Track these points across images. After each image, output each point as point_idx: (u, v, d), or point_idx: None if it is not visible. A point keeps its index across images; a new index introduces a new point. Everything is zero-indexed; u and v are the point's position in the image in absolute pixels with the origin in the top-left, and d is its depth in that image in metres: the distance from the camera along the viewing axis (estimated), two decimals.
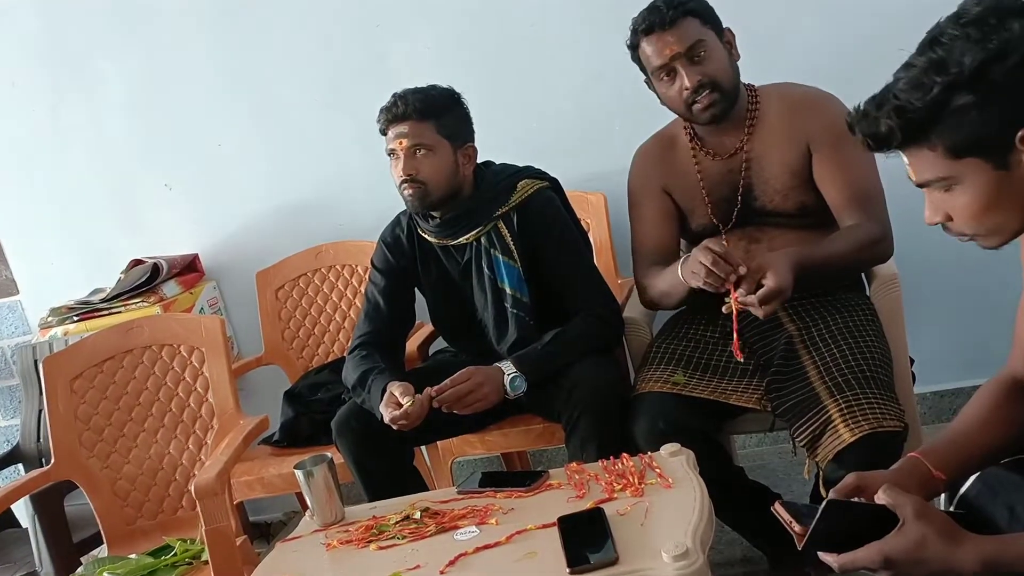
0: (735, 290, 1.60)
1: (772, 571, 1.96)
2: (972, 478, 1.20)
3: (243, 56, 2.71)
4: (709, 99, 1.79)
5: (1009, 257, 2.15)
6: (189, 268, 2.81)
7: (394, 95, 1.92)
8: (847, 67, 2.24)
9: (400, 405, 1.78)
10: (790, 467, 2.48)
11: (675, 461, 1.55)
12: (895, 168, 1.98)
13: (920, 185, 1.05)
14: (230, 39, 2.70)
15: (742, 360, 1.68)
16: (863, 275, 1.95)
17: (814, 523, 1.00)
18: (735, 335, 1.64)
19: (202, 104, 2.76)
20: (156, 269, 2.65)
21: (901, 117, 0.99)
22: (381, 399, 1.84)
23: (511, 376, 1.83)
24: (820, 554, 1.04)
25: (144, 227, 2.89)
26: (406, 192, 1.91)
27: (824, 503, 1.01)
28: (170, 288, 2.70)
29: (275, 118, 2.74)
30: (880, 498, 1.01)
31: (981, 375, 2.41)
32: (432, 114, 1.90)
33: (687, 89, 1.78)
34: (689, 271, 1.68)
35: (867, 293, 1.93)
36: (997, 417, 1.20)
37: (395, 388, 1.80)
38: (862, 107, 1.05)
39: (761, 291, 1.58)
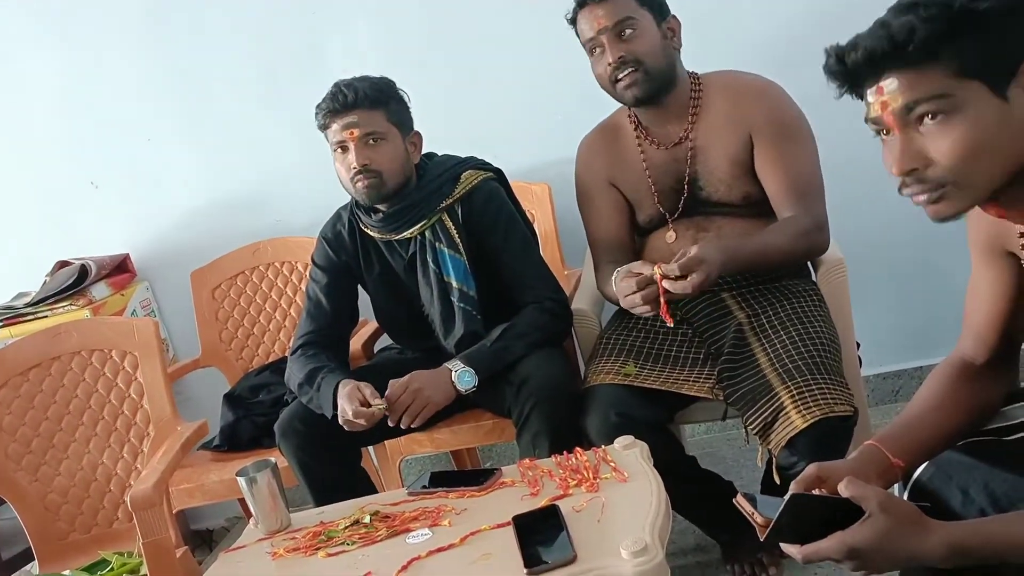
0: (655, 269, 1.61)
1: (725, 559, 1.95)
2: (925, 461, 1.20)
3: (172, 48, 2.61)
4: (632, 78, 1.77)
5: (948, 242, 2.20)
6: (119, 269, 2.70)
7: (336, 85, 1.86)
8: (790, 52, 2.26)
9: (368, 404, 1.73)
10: (740, 454, 2.49)
11: (629, 454, 1.53)
12: (837, 158, 2.02)
13: (905, 109, 0.96)
14: (159, 30, 2.59)
15: (672, 324, 1.64)
16: (809, 261, 1.96)
17: (777, 516, 0.98)
18: (662, 300, 1.60)
19: (129, 98, 2.65)
20: (84, 271, 2.54)
21: (929, 19, 0.92)
22: (333, 398, 1.79)
23: (459, 372, 1.78)
24: (784, 546, 1.03)
25: (70, 227, 2.76)
26: (360, 184, 1.84)
27: (788, 497, 1.00)
28: (99, 290, 2.59)
29: (207, 111, 2.65)
30: (844, 491, 1.00)
31: (923, 357, 2.52)
32: (381, 102, 1.85)
33: (610, 65, 1.76)
34: (626, 303, 1.67)
35: (814, 279, 1.93)
36: (950, 401, 1.20)
37: (365, 388, 1.76)
38: (875, 23, 0.97)
39: (683, 259, 1.57)
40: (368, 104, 1.82)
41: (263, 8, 2.54)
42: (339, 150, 1.85)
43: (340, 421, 1.77)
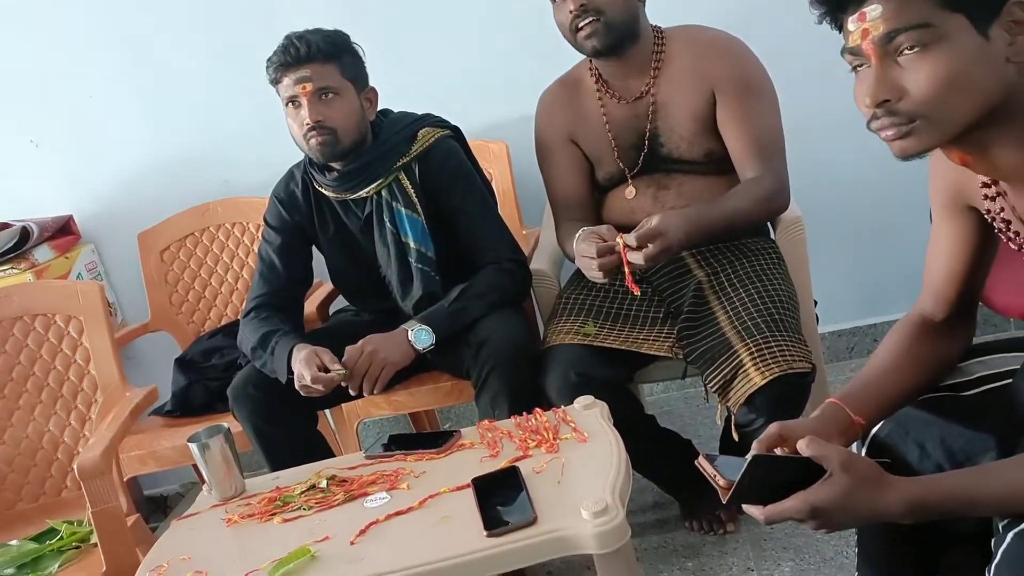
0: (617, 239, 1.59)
1: (683, 516, 1.97)
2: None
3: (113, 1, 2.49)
4: (592, 27, 1.73)
5: (903, 201, 2.23)
6: (63, 231, 2.61)
7: (288, 37, 1.78)
8: (750, 8, 2.25)
9: (327, 370, 1.70)
10: (697, 412, 2.51)
11: (589, 414, 1.52)
12: (795, 116, 2.01)
13: (886, 38, 0.94)
14: None
15: (638, 294, 1.63)
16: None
17: (739, 478, 0.97)
18: (626, 270, 1.59)
19: (67, 52, 2.53)
20: (25, 233, 2.44)
21: None
22: (288, 363, 1.75)
23: (416, 331, 1.75)
24: (746, 507, 1.02)
25: (9, 188, 2.65)
26: (313, 141, 1.78)
27: (749, 458, 0.99)
28: (42, 253, 2.50)
29: (151, 66, 2.54)
30: (804, 450, 0.99)
31: (877, 315, 2.55)
32: (335, 55, 1.78)
33: (571, 12, 1.73)
34: (584, 265, 1.66)
35: (772, 237, 1.93)
36: (910, 358, 1.20)
37: (323, 354, 1.72)
38: None
39: (643, 230, 1.55)
40: (321, 58, 1.75)
41: None
42: (291, 105, 1.79)
43: (296, 386, 1.73)
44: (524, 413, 1.55)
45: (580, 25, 1.73)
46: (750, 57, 1.81)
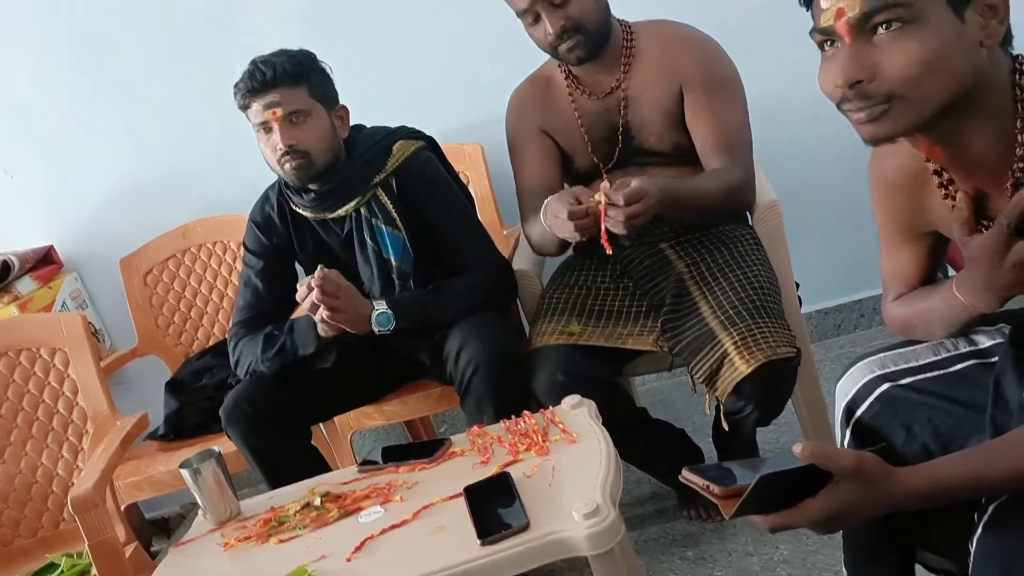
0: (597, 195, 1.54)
1: (681, 505, 1.98)
2: (869, 399, 1.21)
3: (78, 24, 2.48)
4: (574, 41, 1.73)
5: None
6: (44, 261, 2.60)
7: (253, 62, 1.77)
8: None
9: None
10: (691, 399, 2.50)
11: (577, 414, 1.52)
12: (766, 100, 2.01)
13: (864, 17, 0.92)
14: (60, 5, 2.46)
15: (611, 252, 1.58)
16: None
17: (742, 500, 0.93)
18: (603, 229, 1.54)
19: (36, 81, 2.52)
20: (6, 266, 2.43)
21: None
22: (313, 332, 1.77)
23: (379, 312, 1.75)
24: (751, 517, 0.98)
25: None
26: (288, 166, 1.77)
27: (755, 480, 0.92)
28: (25, 285, 2.49)
29: (121, 90, 2.53)
30: (808, 457, 0.94)
31: (861, 290, 2.56)
32: (302, 76, 1.76)
33: (551, 35, 1.72)
34: (556, 225, 1.61)
35: (750, 223, 1.93)
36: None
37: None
38: None
39: (626, 190, 1.52)
40: (288, 80, 1.74)
41: None
42: (262, 131, 1.78)
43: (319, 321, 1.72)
44: (512, 416, 1.55)
45: (563, 42, 1.72)
46: (718, 53, 1.81)
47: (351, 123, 1.90)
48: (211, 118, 2.49)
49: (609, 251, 1.57)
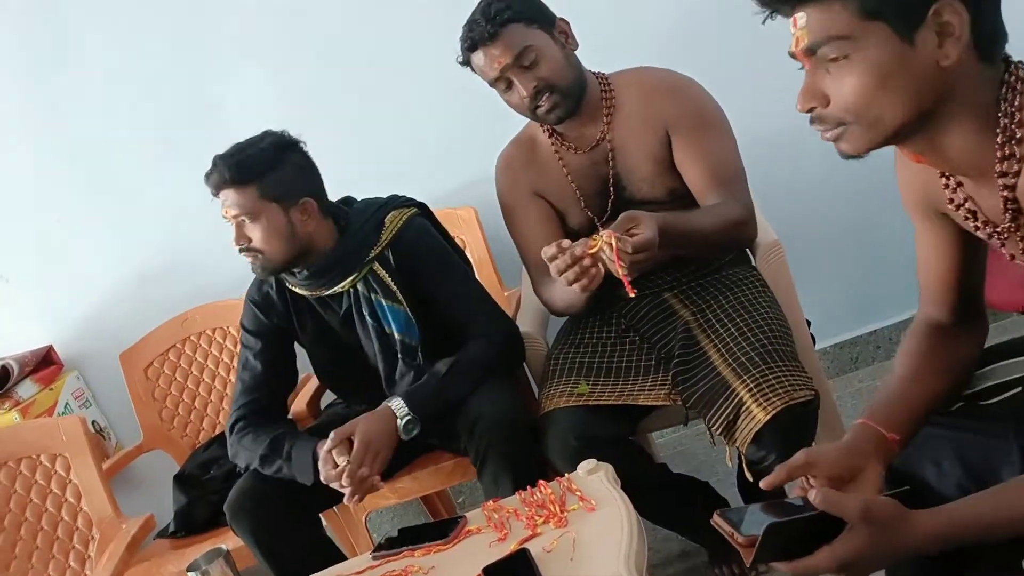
0: (604, 235, 1.43)
1: (712, 563, 1.90)
2: None
3: (64, 121, 2.49)
4: (550, 102, 1.71)
5: (878, 203, 2.20)
6: (44, 362, 2.57)
7: (213, 159, 1.76)
8: (689, 43, 2.24)
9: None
10: (712, 449, 2.44)
11: (594, 479, 1.46)
12: (758, 139, 1.99)
13: (809, 50, 0.95)
14: (52, 105, 2.47)
15: (634, 296, 1.48)
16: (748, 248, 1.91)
17: (756, 549, 0.93)
18: (621, 273, 1.41)
19: (22, 182, 2.52)
20: (5, 372, 2.40)
21: None
22: (313, 464, 1.70)
23: (404, 420, 1.70)
24: (776, 564, 0.98)
25: None
26: (247, 260, 1.78)
27: (764, 529, 0.93)
28: (26, 389, 2.45)
29: (110, 183, 2.53)
30: (819, 504, 0.95)
31: (874, 320, 2.51)
32: (250, 178, 1.72)
33: (526, 98, 1.70)
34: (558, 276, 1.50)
35: (753, 264, 1.89)
36: (927, 367, 1.17)
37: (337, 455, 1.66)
38: None
39: (637, 238, 1.42)
40: (235, 183, 1.72)
41: (151, 72, 2.44)
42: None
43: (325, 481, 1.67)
44: (528, 487, 1.49)
45: (538, 104, 1.71)
46: (700, 92, 1.79)
47: (340, 195, 1.87)
48: (198, 206, 2.45)
49: (632, 294, 1.45)
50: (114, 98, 2.47)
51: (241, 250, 1.75)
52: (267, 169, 1.74)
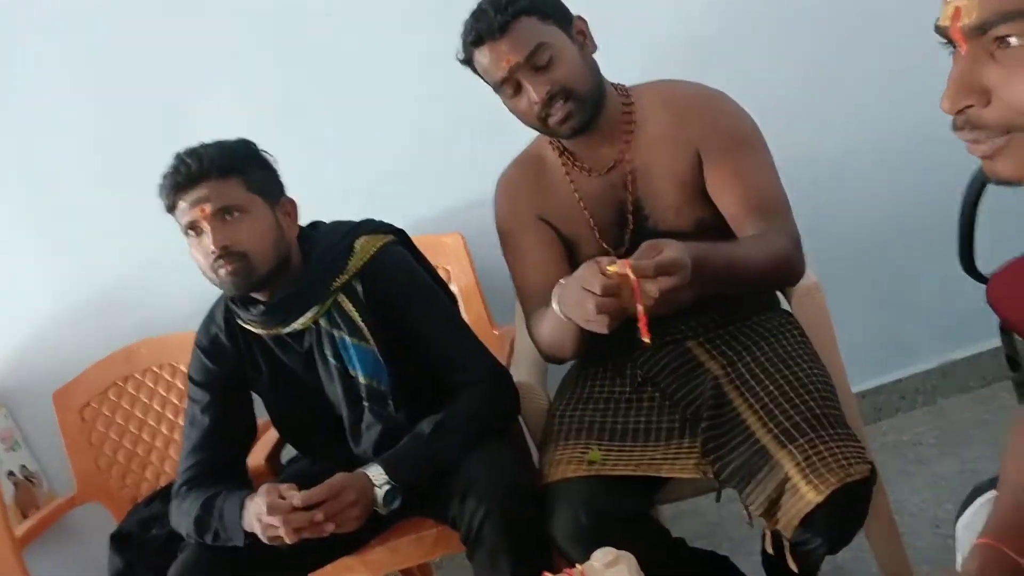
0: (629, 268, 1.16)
1: None
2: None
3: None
4: (564, 110, 1.47)
5: (909, 245, 1.99)
6: None
7: (177, 155, 1.51)
8: (703, 53, 2.02)
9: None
10: (721, 507, 2.18)
11: (613, 573, 1.20)
12: (796, 167, 1.77)
13: (978, 28, 0.70)
14: None
15: (649, 341, 1.19)
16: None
17: None
18: (640, 310, 1.16)
19: None
20: None
21: None
22: (240, 513, 1.46)
23: (384, 490, 1.44)
24: None
25: None
26: (223, 271, 1.49)
27: None
28: None
29: (48, 200, 2.27)
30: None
31: (901, 368, 2.29)
32: (236, 168, 1.51)
33: (536, 103, 1.46)
34: (576, 309, 1.23)
35: (785, 307, 1.65)
36: None
37: (281, 486, 1.43)
38: None
39: (658, 258, 1.15)
40: (218, 172, 1.48)
41: (98, 79, 2.20)
42: (192, 233, 1.51)
43: (262, 536, 1.42)
44: None
45: (551, 111, 1.47)
46: (735, 108, 1.55)
47: (311, 219, 1.63)
48: (149, 229, 2.16)
49: (647, 339, 1.18)
50: (54, 108, 2.21)
51: (218, 256, 1.48)
52: (249, 160, 1.54)
